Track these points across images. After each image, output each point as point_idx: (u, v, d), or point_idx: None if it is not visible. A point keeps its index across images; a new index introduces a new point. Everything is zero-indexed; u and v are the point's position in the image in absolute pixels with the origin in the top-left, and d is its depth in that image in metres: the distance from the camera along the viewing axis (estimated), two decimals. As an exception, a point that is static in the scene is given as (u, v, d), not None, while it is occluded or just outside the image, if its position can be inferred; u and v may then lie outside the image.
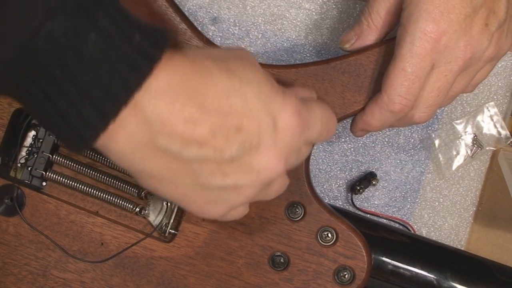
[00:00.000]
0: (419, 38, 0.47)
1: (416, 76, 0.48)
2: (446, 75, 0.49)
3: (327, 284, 0.54)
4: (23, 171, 0.58)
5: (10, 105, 0.57)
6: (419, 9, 0.47)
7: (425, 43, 0.47)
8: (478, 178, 0.69)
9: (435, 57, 0.48)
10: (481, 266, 0.62)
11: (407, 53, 0.48)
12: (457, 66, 0.49)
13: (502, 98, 0.69)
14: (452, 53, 0.48)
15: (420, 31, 0.47)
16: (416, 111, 0.51)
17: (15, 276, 0.56)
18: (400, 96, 0.49)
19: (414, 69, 0.48)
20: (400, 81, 0.49)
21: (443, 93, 0.50)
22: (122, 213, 0.58)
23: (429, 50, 0.48)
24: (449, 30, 0.47)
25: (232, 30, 0.67)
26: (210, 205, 0.41)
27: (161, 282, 0.55)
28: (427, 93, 0.50)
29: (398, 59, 0.49)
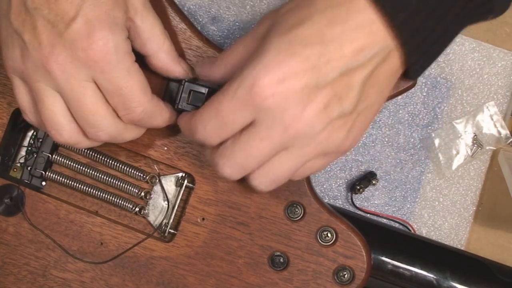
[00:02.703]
0: (246, 86, 0.43)
1: (227, 121, 0.44)
2: (262, 139, 0.44)
3: (327, 284, 0.54)
4: (23, 170, 0.58)
5: (10, 105, 0.57)
6: (261, 60, 0.42)
7: (248, 94, 0.42)
8: (478, 177, 0.69)
9: (256, 114, 0.43)
10: (481, 266, 0.62)
11: (229, 94, 0.44)
12: (276, 135, 0.43)
13: (502, 98, 0.69)
14: (276, 120, 0.43)
15: (251, 80, 0.42)
16: (221, 160, 0.46)
17: (14, 276, 0.56)
18: (205, 130, 0.45)
19: (227, 113, 0.44)
20: (210, 117, 0.45)
21: (254, 159, 0.45)
22: (122, 213, 0.58)
23: (249, 103, 0.43)
24: (280, 94, 0.42)
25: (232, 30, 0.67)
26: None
27: (161, 282, 0.55)
28: (236, 147, 0.45)
29: (219, 94, 0.44)
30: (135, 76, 0.47)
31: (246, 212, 0.55)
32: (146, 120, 0.49)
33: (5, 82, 0.57)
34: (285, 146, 0.44)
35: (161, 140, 0.56)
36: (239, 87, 0.43)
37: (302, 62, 0.42)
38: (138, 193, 0.57)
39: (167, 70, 0.51)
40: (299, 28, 0.42)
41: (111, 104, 0.47)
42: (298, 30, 0.42)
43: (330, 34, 0.42)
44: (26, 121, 0.58)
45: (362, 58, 0.42)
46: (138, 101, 0.47)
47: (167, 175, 0.57)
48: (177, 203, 0.56)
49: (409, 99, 0.68)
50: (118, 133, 0.49)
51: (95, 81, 0.46)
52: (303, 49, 0.42)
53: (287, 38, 0.42)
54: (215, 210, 0.55)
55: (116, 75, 0.46)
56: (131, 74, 0.46)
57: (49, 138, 0.57)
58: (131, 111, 0.47)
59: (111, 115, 0.47)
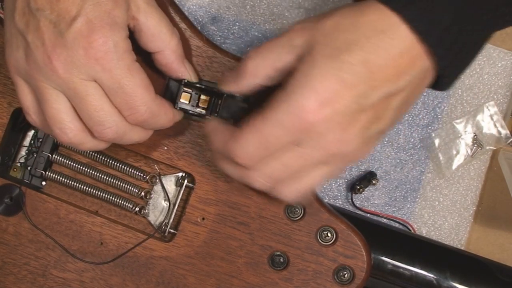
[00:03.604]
0: (294, 113, 0.43)
1: (272, 146, 0.44)
2: (305, 159, 0.45)
3: (327, 283, 0.54)
4: (23, 170, 0.58)
5: (10, 105, 0.57)
6: (308, 84, 0.43)
7: (298, 120, 0.43)
8: (478, 177, 0.69)
9: (302, 137, 0.44)
10: (481, 266, 0.62)
11: (275, 121, 0.43)
12: (318, 156, 0.45)
13: (502, 98, 0.69)
14: (320, 141, 0.44)
15: (299, 107, 0.43)
16: (257, 176, 0.46)
17: (14, 276, 0.56)
18: (246, 153, 0.45)
19: (273, 139, 0.44)
20: (253, 141, 0.45)
21: (291, 173, 0.46)
22: (122, 213, 0.58)
23: (298, 129, 0.43)
24: (329, 119, 0.43)
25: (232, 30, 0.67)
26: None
27: (161, 281, 0.55)
28: (278, 165, 0.45)
29: (264, 120, 0.44)
30: (136, 74, 0.47)
31: (246, 212, 0.55)
32: (151, 120, 0.49)
33: (5, 82, 0.57)
34: (322, 163, 0.46)
35: (161, 140, 0.56)
36: (286, 113, 0.43)
37: (349, 88, 0.43)
38: (138, 193, 0.57)
39: (171, 68, 0.51)
40: (346, 54, 0.43)
41: (115, 104, 0.47)
42: (345, 56, 0.43)
43: (375, 60, 0.43)
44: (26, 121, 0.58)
45: (403, 82, 0.44)
46: (141, 99, 0.47)
47: (167, 175, 0.57)
48: (177, 203, 0.56)
49: (409, 99, 0.68)
50: (125, 131, 0.48)
51: (97, 81, 0.46)
52: (350, 77, 0.43)
53: (335, 64, 0.43)
54: (215, 210, 0.55)
55: (117, 72, 0.46)
56: (132, 72, 0.46)
57: (49, 138, 0.57)
58: (135, 110, 0.47)
59: (116, 113, 0.47)
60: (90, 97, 0.46)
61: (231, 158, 0.46)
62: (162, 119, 0.50)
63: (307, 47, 0.44)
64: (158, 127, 0.50)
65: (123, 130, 0.48)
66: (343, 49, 0.43)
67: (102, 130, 0.47)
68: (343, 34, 0.43)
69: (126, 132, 0.49)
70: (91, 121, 0.47)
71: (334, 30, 0.44)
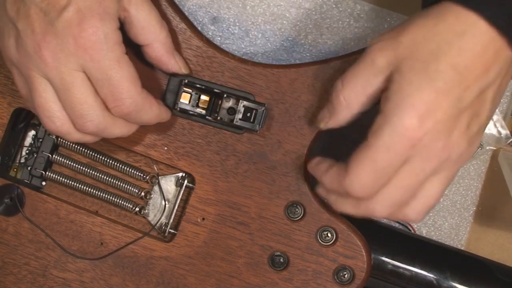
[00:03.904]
0: (399, 134, 0.43)
1: (386, 171, 0.45)
2: (417, 174, 0.45)
3: (327, 284, 0.54)
4: (23, 170, 0.58)
5: (10, 105, 0.57)
6: (405, 102, 0.43)
7: (404, 140, 0.43)
8: (478, 177, 0.69)
9: (411, 153, 0.44)
10: (481, 266, 0.62)
11: (383, 146, 0.44)
12: (431, 166, 0.45)
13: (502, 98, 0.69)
14: (429, 153, 0.44)
15: (403, 126, 0.43)
16: (378, 206, 0.47)
17: (14, 276, 0.56)
18: (364, 185, 0.45)
19: (385, 165, 0.44)
20: (367, 172, 0.45)
21: (410, 192, 0.46)
22: (122, 213, 0.58)
23: (406, 148, 0.44)
24: (433, 130, 0.43)
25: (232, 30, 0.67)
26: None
27: (161, 281, 0.55)
28: (393, 188, 0.46)
29: (371, 148, 0.44)
30: (125, 67, 0.47)
31: (246, 212, 0.55)
32: (136, 114, 0.49)
33: (5, 82, 0.57)
34: (436, 172, 0.46)
35: (161, 140, 0.56)
36: (392, 136, 0.44)
37: (445, 96, 0.43)
38: (138, 193, 0.57)
39: (160, 61, 0.52)
40: (433, 63, 0.43)
41: (100, 95, 0.47)
42: (433, 65, 0.43)
43: (463, 62, 0.43)
44: (26, 121, 0.58)
45: (492, 75, 0.45)
46: (127, 92, 0.47)
47: (167, 175, 0.57)
48: (177, 203, 0.56)
49: (409, 99, 0.68)
50: (106, 126, 0.48)
51: (85, 71, 0.46)
52: (443, 84, 0.43)
53: (426, 76, 0.43)
54: (215, 210, 0.55)
55: (105, 64, 0.46)
56: (120, 64, 0.46)
57: (49, 138, 0.57)
58: (120, 102, 0.47)
59: (99, 106, 0.47)
60: (75, 88, 0.46)
61: (348, 194, 0.46)
62: (147, 113, 0.50)
63: (394, 66, 0.45)
64: (143, 121, 0.50)
65: (105, 125, 0.48)
66: (430, 60, 0.44)
67: (83, 123, 0.48)
68: (426, 45, 0.44)
69: (107, 126, 0.49)
70: (73, 114, 0.47)
71: (416, 43, 0.44)
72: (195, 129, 0.55)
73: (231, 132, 0.55)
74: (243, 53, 0.67)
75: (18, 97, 0.57)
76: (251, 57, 0.67)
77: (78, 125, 0.48)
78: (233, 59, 0.55)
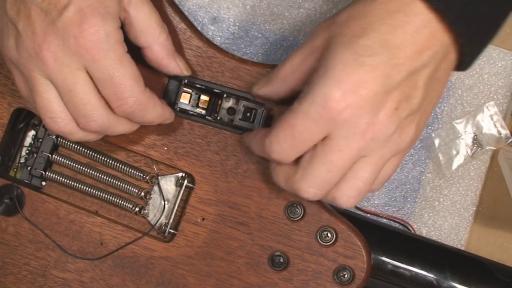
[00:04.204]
0: (319, 103, 0.43)
1: (303, 138, 0.45)
2: (341, 150, 0.45)
3: (327, 284, 0.54)
4: (23, 170, 0.58)
5: (10, 105, 0.57)
6: (330, 74, 0.43)
7: (323, 110, 0.43)
8: (478, 177, 0.69)
9: (331, 127, 0.44)
10: (481, 266, 0.62)
11: (302, 112, 0.44)
12: (354, 144, 0.44)
13: (502, 98, 0.69)
14: (352, 129, 0.44)
15: (324, 96, 0.43)
16: (304, 182, 0.46)
17: (14, 276, 0.56)
18: (281, 149, 0.46)
19: (302, 131, 0.44)
20: (284, 135, 0.45)
21: (337, 170, 0.46)
22: (122, 213, 0.58)
23: (325, 118, 0.43)
24: (354, 104, 0.43)
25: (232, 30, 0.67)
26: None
27: (161, 282, 0.55)
28: (316, 164, 0.45)
29: (291, 113, 0.45)
30: (127, 66, 0.47)
31: (246, 212, 0.55)
32: (139, 113, 0.49)
33: (5, 82, 0.57)
34: (363, 153, 0.45)
35: (161, 140, 0.56)
36: (312, 104, 0.44)
37: (371, 71, 0.43)
38: (138, 193, 0.57)
39: (160, 64, 0.51)
40: (362, 38, 0.43)
41: (103, 95, 0.47)
42: (361, 40, 0.43)
43: (393, 40, 0.43)
44: (26, 121, 0.58)
45: (425, 58, 0.44)
46: (130, 91, 0.47)
47: (167, 175, 0.57)
48: (177, 203, 0.56)
49: (409, 99, 0.68)
50: (110, 124, 0.48)
51: (87, 71, 0.46)
52: (370, 59, 0.43)
53: (352, 50, 0.43)
54: (215, 210, 0.55)
55: (107, 63, 0.46)
56: (122, 64, 0.46)
57: (49, 138, 0.57)
58: (124, 102, 0.47)
59: (102, 105, 0.47)
60: (78, 89, 0.46)
61: (266, 152, 0.47)
62: (150, 113, 0.50)
63: (327, 43, 0.45)
64: (147, 121, 0.50)
65: (108, 124, 0.48)
66: (359, 35, 0.43)
67: (87, 123, 0.48)
68: (358, 22, 0.44)
69: (111, 125, 0.49)
70: (76, 113, 0.47)
71: (349, 20, 0.45)
72: (195, 129, 0.55)
73: (231, 132, 0.55)
74: (243, 53, 0.67)
75: (18, 97, 0.57)
76: (251, 57, 0.67)
77: (81, 124, 0.48)
78: (233, 59, 0.55)
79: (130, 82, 0.47)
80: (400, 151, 0.47)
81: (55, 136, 0.57)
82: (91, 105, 0.47)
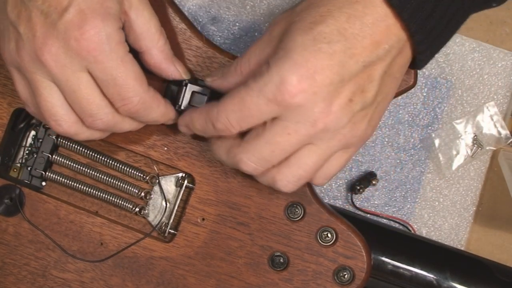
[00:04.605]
0: (274, 84, 0.43)
1: (251, 113, 0.44)
2: (289, 134, 0.44)
3: (327, 284, 0.54)
4: (23, 171, 0.58)
5: (10, 105, 0.57)
6: (288, 57, 0.43)
7: (276, 91, 0.43)
8: (478, 178, 0.69)
9: (283, 110, 0.44)
10: (481, 266, 0.62)
11: (255, 89, 0.44)
12: (304, 130, 0.44)
13: (502, 98, 0.69)
14: (304, 115, 0.44)
15: (280, 77, 0.43)
16: (245, 155, 0.46)
17: (14, 276, 0.56)
18: (228, 119, 0.45)
19: (252, 106, 0.44)
20: (233, 108, 0.45)
21: (281, 152, 0.45)
22: (122, 213, 0.58)
23: (278, 100, 0.43)
24: (309, 90, 0.43)
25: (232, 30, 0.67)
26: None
27: (161, 282, 0.55)
28: (262, 142, 0.45)
29: (245, 88, 0.45)
30: (129, 66, 0.47)
31: (246, 212, 0.55)
32: (143, 113, 0.49)
33: (5, 82, 0.57)
34: (311, 140, 0.45)
35: (161, 140, 0.56)
36: (267, 84, 0.43)
37: (328, 58, 0.43)
38: (138, 193, 0.57)
39: (159, 69, 0.51)
40: (320, 25, 0.43)
41: (107, 96, 0.47)
42: (320, 26, 0.43)
43: (350, 29, 0.43)
44: (26, 121, 0.58)
45: (381, 51, 0.44)
46: (133, 90, 0.47)
47: (167, 175, 0.57)
48: (177, 203, 0.56)
49: (409, 99, 0.68)
50: (116, 122, 0.49)
51: (89, 72, 0.46)
52: (327, 46, 0.43)
53: (311, 36, 0.43)
54: (215, 210, 0.55)
55: (109, 64, 0.46)
56: (124, 64, 0.46)
57: (49, 138, 0.57)
58: (128, 101, 0.47)
59: (107, 104, 0.47)
60: (82, 90, 0.46)
61: (212, 122, 0.46)
62: (154, 112, 0.49)
63: (284, 31, 0.45)
64: (150, 120, 0.50)
65: (114, 122, 0.48)
66: (318, 21, 0.43)
67: (93, 121, 0.48)
68: (316, 9, 0.44)
69: (117, 122, 0.49)
70: (82, 113, 0.47)
71: (308, 7, 0.45)
72: (195, 129, 0.55)
73: (231, 132, 0.55)
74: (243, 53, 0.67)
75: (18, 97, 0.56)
76: (251, 57, 0.67)
77: (88, 123, 0.48)
78: (233, 59, 0.55)
79: (133, 82, 0.47)
80: (349, 146, 0.47)
81: (55, 136, 0.57)
82: (96, 104, 0.47)
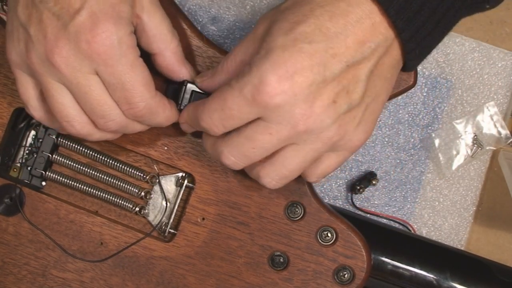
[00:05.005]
0: (254, 85, 0.43)
1: (232, 114, 0.44)
2: (270, 133, 0.44)
3: (327, 283, 0.54)
4: (23, 170, 0.58)
5: (10, 105, 0.57)
6: (268, 57, 0.42)
7: (256, 92, 0.43)
8: (478, 178, 0.69)
9: (264, 111, 0.43)
10: (481, 266, 0.62)
11: (236, 89, 0.44)
12: (285, 131, 0.44)
13: (502, 98, 0.69)
14: (284, 116, 0.43)
15: (259, 78, 0.43)
16: (226, 148, 0.46)
17: (14, 276, 0.56)
18: (211, 119, 0.46)
19: (233, 107, 0.44)
20: (215, 107, 0.45)
21: (261, 150, 0.45)
22: (122, 213, 0.58)
23: (257, 101, 0.43)
24: (289, 91, 0.42)
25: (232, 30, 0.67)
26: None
27: (161, 281, 0.55)
28: (243, 138, 0.45)
29: (227, 88, 0.45)
30: (139, 71, 0.46)
31: (246, 212, 0.55)
32: (148, 117, 0.49)
33: (5, 82, 0.57)
34: (294, 141, 0.45)
35: (161, 140, 0.56)
36: (247, 84, 0.43)
37: (309, 58, 0.42)
38: (138, 193, 0.57)
39: (171, 71, 0.51)
40: (302, 25, 0.43)
41: (114, 98, 0.47)
42: (301, 26, 0.43)
43: (333, 28, 0.42)
44: (26, 121, 0.58)
45: (366, 50, 0.43)
46: (140, 96, 0.47)
47: (167, 175, 0.57)
48: (177, 203, 0.56)
49: (409, 99, 0.68)
50: (127, 123, 0.49)
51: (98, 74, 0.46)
52: (308, 46, 0.42)
53: (292, 36, 0.43)
54: (215, 210, 0.55)
55: (118, 69, 0.45)
56: (134, 69, 0.46)
57: (49, 138, 0.57)
58: (134, 106, 0.47)
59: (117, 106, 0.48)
60: (92, 91, 0.46)
61: (197, 125, 0.47)
62: (160, 116, 0.50)
63: (267, 30, 0.45)
64: (155, 124, 0.50)
65: (126, 122, 0.48)
66: (299, 21, 0.43)
67: (105, 123, 0.48)
68: (299, 8, 0.43)
69: (129, 123, 0.49)
70: (94, 115, 0.47)
71: (291, 7, 0.44)
72: (195, 129, 0.55)
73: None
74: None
75: (18, 97, 0.56)
76: (251, 57, 0.67)
77: (100, 125, 0.48)
78: (233, 59, 0.55)
79: (141, 88, 0.47)
80: (340, 148, 0.47)
81: (55, 136, 0.57)
82: (108, 106, 0.47)
